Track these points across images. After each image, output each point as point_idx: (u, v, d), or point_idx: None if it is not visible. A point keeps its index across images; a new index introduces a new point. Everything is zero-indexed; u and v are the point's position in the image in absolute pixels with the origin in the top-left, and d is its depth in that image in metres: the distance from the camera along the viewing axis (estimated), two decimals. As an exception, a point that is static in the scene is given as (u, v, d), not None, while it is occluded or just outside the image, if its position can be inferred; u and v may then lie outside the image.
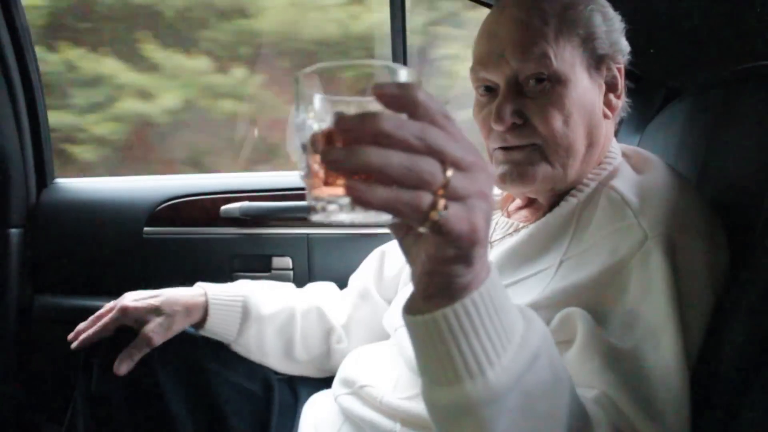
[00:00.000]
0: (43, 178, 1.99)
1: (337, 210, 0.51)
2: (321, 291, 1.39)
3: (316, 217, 0.53)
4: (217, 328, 1.21)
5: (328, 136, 0.51)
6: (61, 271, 1.94)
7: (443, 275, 0.56)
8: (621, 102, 1.06)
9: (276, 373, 1.30)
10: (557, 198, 1.03)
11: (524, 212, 1.12)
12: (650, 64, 1.43)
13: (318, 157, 0.51)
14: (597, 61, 1.00)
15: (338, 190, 0.50)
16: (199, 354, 1.19)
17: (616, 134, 1.57)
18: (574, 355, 0.82)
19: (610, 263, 0.87)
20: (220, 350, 1.23)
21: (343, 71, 0.54)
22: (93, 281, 1.91)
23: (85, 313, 1.21)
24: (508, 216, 1.14)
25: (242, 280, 1.32)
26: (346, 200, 0.49)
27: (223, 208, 1.87)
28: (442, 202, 0.50)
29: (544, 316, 0.85)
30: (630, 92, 1.07)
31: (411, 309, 0.62)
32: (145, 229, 1.90)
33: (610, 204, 0.94)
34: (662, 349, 0.80)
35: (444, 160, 0.50)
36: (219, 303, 1.21)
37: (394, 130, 0.47)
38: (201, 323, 1.20)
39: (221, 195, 1.90)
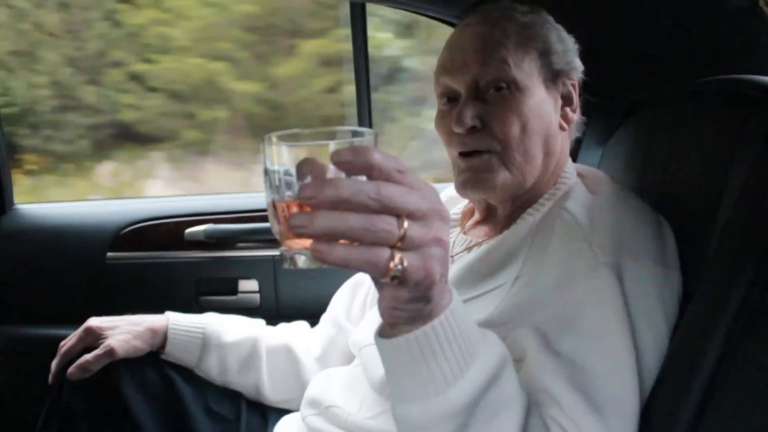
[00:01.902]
0: (2, 204, 1.94)
1: (305, 261, 0.57)
2: (291, 328, 1.39)
3: (286, 266, 0.59)
4: (176, 353, 1.23)
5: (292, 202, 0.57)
6: (21, 300, 1.89)
7: (405, 311, 0.63)
8: (576, 116, 1.11)
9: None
10: (515, 214, 1.06)
11: (482, 229, 1.14)
12: (610, 77, 1.46)
13: (286, 214, 0.57)
14: (553, 75, 1.06)
15: (306, 243, 0.56)
16: (169, 372, 1.22)
17: (577, 150, 1.61)
18: (524, 373, 0.84)
19: (562, 286, 0.90)
20: (190, 371, 1.24)
21: (308, 136, 0.59)
22: (55, 309, 1.87)
23: (47, 342, 1.20)
24: (465, 233, 1.17)
25: (211, 312, 1.33)
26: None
27: (187, 231, 1.85)
28: (398, 256, 0.56)
29: (496, 334, 0.88)
30: (591, 106, 1.09)
31: (381, 333, 0.70)
32: (109, 254, 1.87)
33: (563, 225, 0.97)
34: (609, 355, 0.83)
35: (400, 214, 0.55)
36: (179, 329, 1.23)
37: (352, 195, 0.52)
38: (163, 348, 1.22)
39: (185, 218, 1.88)
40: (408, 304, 0.62)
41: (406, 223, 0.55)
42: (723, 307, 0.79)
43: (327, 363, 1.31)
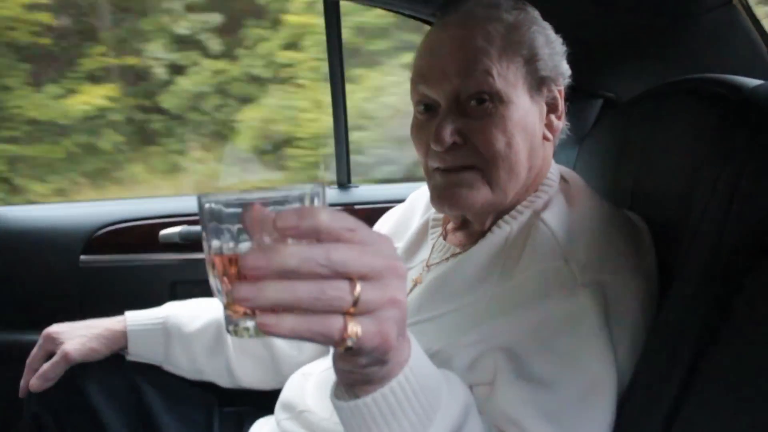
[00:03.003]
0: (-30, 208, 1.91)
1: (252, 332, 0.54)
2: None
3: (230, 333, 0.55)
4: (140, 351, 1.21)
5: (234, 260, 0.53)
6: (-8, 305, 1.86)
7: (360, 374, 0.60)
8: (561, 124, 1.05)
9: (220, 402, 1.29)
10: (492, 220, 1.02)
11: (460, 235, 1.10)
12: (586, 76, 1.46)
13: (227, 274, 0.54)
14: (539, 83, 0.98)
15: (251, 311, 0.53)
16: (136, 379, 1.20)
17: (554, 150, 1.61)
18: (493, 400, 0.83)
19: (536, 305, 0.86)
20: (161, 376, 1.23)
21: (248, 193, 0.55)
22: (26, 314, 1.83)
23: (18, 348, 1.18)
24: (445, 237, 1.12)
25: (171, 302, 1.31)
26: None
27: (162, 233, 1.83)
28: (351, 325, 0.51)
29: (466, 355, 0.87)
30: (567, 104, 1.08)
31: (337, 394, 0.66)
32: (82, 257, 1.84)
33: (539, 239, 0.93)
34: (584, 379, 0.82)
35: (352, 277, 0.51)
36: (138, 327, 1.21)
37: (300, 264, 0.49)
38: (126, 349, 1.21)
39: (160, 219, 1.86)
40: (363, 369, 0.59)
41: (359, 286, 0.51)
42: (693, 311, 0.79)
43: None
